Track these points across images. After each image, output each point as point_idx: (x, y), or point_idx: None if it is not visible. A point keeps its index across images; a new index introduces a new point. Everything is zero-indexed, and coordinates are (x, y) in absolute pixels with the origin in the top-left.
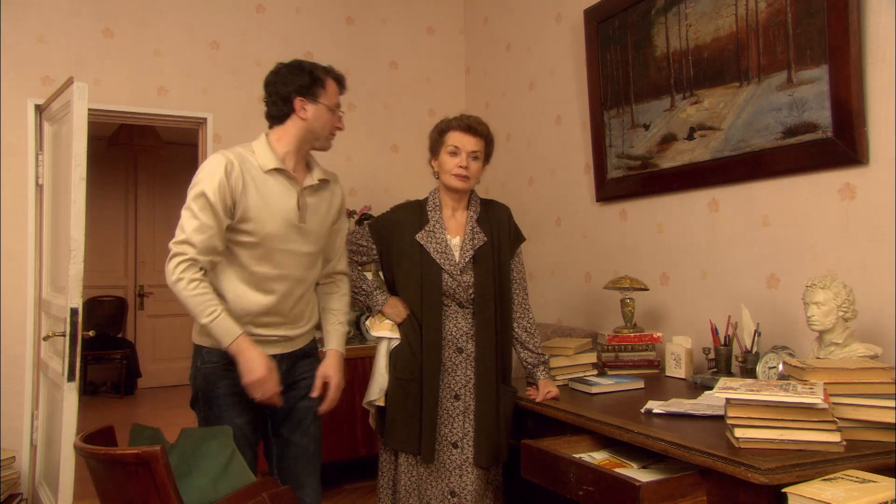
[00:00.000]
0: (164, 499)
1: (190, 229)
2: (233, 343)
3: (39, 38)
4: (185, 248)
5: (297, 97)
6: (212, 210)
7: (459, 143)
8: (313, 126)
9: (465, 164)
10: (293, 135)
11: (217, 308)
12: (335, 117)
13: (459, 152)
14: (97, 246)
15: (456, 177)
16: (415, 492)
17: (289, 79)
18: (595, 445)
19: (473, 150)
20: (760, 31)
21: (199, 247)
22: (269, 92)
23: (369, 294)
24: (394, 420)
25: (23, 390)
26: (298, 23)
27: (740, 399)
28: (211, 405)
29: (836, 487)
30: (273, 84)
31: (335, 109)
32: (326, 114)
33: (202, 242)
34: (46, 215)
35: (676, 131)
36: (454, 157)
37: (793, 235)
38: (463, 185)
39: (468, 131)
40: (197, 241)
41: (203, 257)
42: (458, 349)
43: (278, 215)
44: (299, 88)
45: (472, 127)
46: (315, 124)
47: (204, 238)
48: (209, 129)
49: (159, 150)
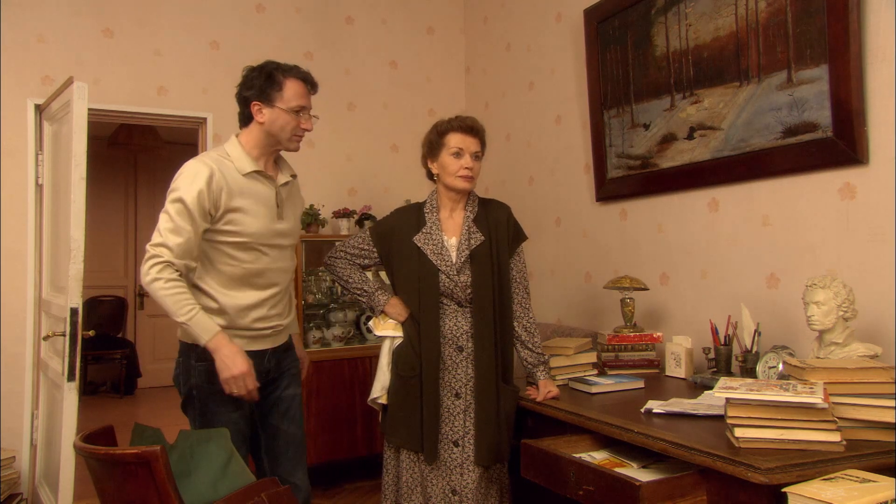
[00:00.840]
0: (164, 499)
1: (167, 233)
2: (212, 339)
3: (39, 38)
4: (161, 251)
5: (253, 101)
6: (189, 216)
7: (462, 145)
8: (271, 129)
9: (470, 164)
10: (256, 137)
11: (194, 306)
12: (297, 119)
13: (463, 154)
14: (97, 246)
15: (462, 178)
16: (417, 489)
17: (248, 82)
18: (595, 445)
19: (475, 151)
20: (760, 31)
21: (176, 251)
22: (236, 95)
23: (371, 295)
24: (395, 417)
25: (23, 390)
26: (298, 23)
27: (740, 399)
28: (207, 402)
29: (836, 487)
30: (238, 87)
31: (296, 111)
32: (283, 116)
33: (178, 246)
34: (46, 215)
35: (676, 131)
36: (458, 158)
37: (793, 235)
38: (469, 185)
39: (470, 132)
40: (173, 244)
41: (179, 261)
42: (458, 348)
43: (260, 214)
44: (254, 93)
45: (473, 128)
46: (272, 127)
47: (181, 242)
48: (209, 129)
49: (159, 149)
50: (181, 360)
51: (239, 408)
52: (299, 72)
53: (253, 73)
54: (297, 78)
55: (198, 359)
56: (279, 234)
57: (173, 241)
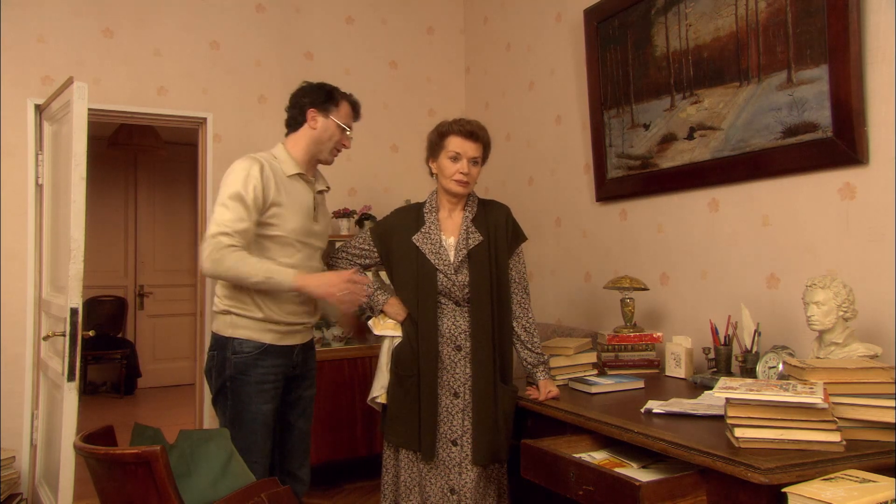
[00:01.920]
0: (164, 499)
1: (226, 220)
2: (295, 279)
3: (39, 38)
4: (221, 237)
5: (310, 108)
6: (246, 207)
7: (461, 150)
8: (321, 136)
9: (466, 170)
10: (303, 142)
11: (263, 262)
12: (342, 135)
13: (461, 158)
14: (97, 246)
15: (457, 182)
16: (416, 488)
17: (308, 92)
18: (595, 445)
19: (474, 157)
20: (760, 31)
21: (236, 236)
22: (290, 102)
23: (371, 294)
24: (394, 416)
25: (23, 390)
26: (298, 23)
27: (740, 399)
28: (240, 393)
29: (836, 487)
30: (295, 95)
31: (344, 128)
32: (334, 128)
33: (238, 233)
34: (46, 215)
35: (676, 131)
36: (455, 162)
37: (793, 235)
38: (463, 190)
39: (470, 137)
40: (233, 230)
41: (238, 242)
42: (456, 347)
43: (299, 213)
44: (314, 101)
45: (473, 133)
46: (322, 135)
47: (240, 229)
48: (209, 129)
49: (159, 149)
50: (216, 354)
51: (269, 401)
52: (353, 99)
53: (313, 87)
54: (350, 103)
55: (234, 352)
56: (313, 235)
57: (233, 228)
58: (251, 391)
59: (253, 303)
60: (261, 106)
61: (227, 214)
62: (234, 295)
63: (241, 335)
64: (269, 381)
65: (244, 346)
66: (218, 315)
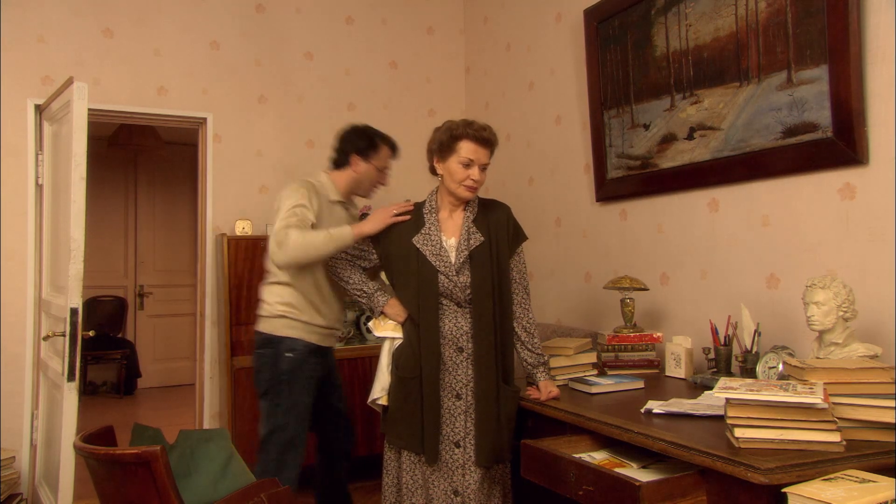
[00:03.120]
0: (164, 499)
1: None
2: (353, 230)
3: (39, 38)
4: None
5: (353, 154)
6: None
7: (474, 156)
8: (361, 179)
9: (477, 177)
10: (345, 181)
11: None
12: (381, 175)
13: (473, 165)
14: (97, 246)
15: (467, 188)
16: (418, 490)
17: (354, 139)
18: (595, 445)
19: (486, 163)
20: (760, 31)
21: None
22: (337, 144)
23: (371, 296)
24: (396, 418)
25: (23, 390)
26: (298, 23)
27: (740, 399)
28: (293, 388)
29: (836, 487)
30: (342, 140)
31: (382, 170)
32: (373, 171)
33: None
34: (46, 215)
35: (676, 131)
36: (467, 168)
37: (793, 235)
38: (472, 196)
39: (484, 144)
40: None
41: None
42: (458, 348)
43: None
44: (358, 149)
45: (488, 140)
46: (363, 177)
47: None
48: (209, 129)
49: (159, 150)
50: (268, 351)
51: (312, 394)
52: (391, 141)
53: (357, 132)
54: (388, 146)
55: (288, 350)
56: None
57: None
58: (304, 385)
59: (313, 308)
60: (261, 106)
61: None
62: (291, 302)
63: (295, 335)
64: (315, 376)
65: (297, 344)
66: (269, 319)
